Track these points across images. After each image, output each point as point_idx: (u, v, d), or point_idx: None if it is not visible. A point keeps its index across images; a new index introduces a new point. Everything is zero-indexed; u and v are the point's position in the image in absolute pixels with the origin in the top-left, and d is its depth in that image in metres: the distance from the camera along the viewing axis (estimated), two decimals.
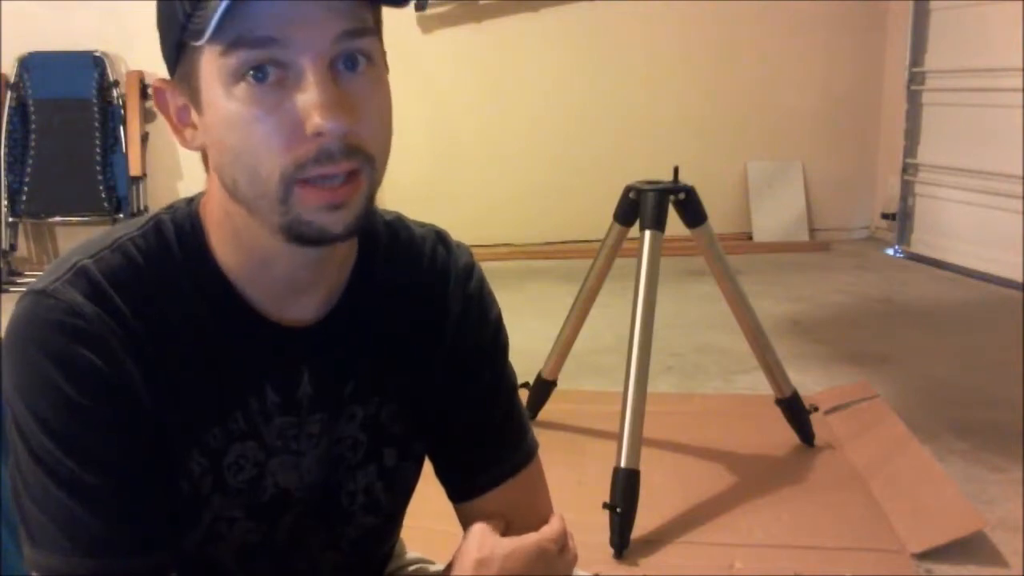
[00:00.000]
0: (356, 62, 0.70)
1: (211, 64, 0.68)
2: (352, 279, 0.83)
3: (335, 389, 0.82)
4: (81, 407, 0.71)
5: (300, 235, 0.71)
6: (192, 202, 0.81)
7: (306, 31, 0.67)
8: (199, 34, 0.66)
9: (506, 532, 0.86)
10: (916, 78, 4.99)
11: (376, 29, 0.71)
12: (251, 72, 0.67)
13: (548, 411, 2.58)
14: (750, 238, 5.31)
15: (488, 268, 0.92)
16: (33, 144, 4.56)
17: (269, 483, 0.81)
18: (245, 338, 0.78)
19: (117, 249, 0.76)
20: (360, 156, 0.70)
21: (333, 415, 0.83)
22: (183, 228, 0.78)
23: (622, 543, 1.94)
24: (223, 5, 0.64)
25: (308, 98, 0.67)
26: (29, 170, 4.55)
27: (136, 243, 0.77)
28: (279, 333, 0.79)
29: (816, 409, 2.53)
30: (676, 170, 2.31)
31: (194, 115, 0.73)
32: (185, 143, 0.76)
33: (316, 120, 0.67)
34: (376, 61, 0.71)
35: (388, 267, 0.85)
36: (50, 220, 4.71)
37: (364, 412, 0.84)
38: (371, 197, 0.73)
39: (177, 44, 0.70)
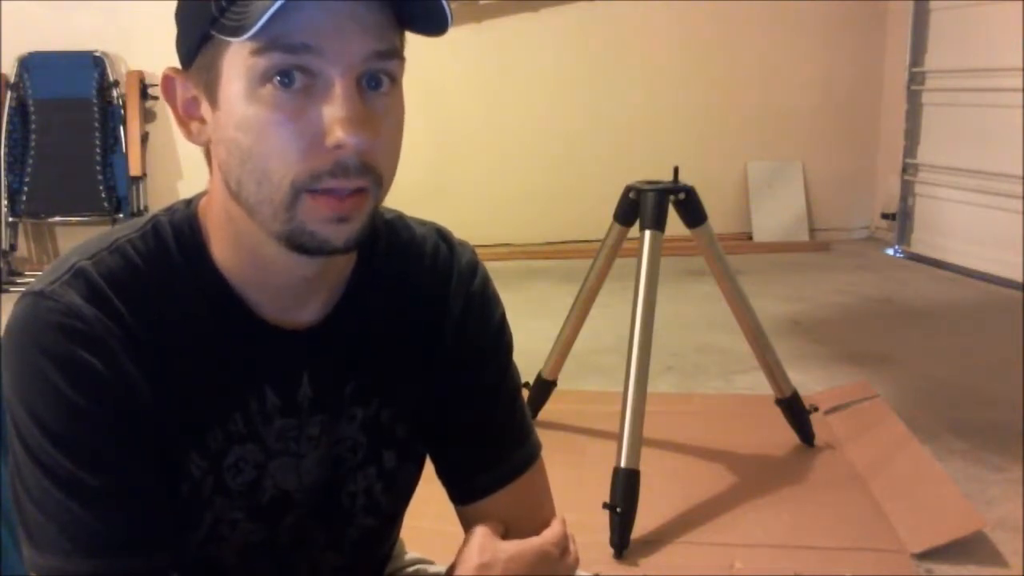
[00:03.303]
0: (380, 82, 0.70)
1: (237, 62, 0.68)
2: (352, 280, 0.82)
3: (335, 391, 0.82)
4: (80, 408, 0.71)
5: (300, 244, 0.71)
6: (191, 204, 0.80)
7: (341, 45, 0.67)
8: (237, 31, 0.65)
9: (507, 535, 0.86)
10: (916, 78, 4.99)
11: (402, 53, 0.72)
12: (277, 76, 0.67)
13: (548, 411, 2.58)
14: (750, 238, 5.31)
15: (489, 268, 0.92)
16: (33, 144, 4.56)
17: (269, 485, 0.81)
18: (244, 341, 0.78)
19: (116, 251, 0.76)
20: (371, 176, 0.70)
21: (333, 417, 0.82)
22: (181, 230, 0.78)
23: (622, 543, 1.94)
24: (274, 6, 0.63)
25: (334, 110, 0.67)
26: (29, 170, 4.55)
27: (135, 245, 0.77)
28: (278, 336, 0.79)
29: (816, 409, 2.53)
30: (676, 170, 2.31)
31: (204, 109, 0.73)
32: (190, 136, 0.75)
33: (338, 133, 0.67)
34: (397, 83, 0.72)
35: (389, 267, 0.85)
36: (50, 220, 4.72)
37: (364, 413, 0.84)
38: (373, 213, 0.74)
39: (201, 36, 0.70)
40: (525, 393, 2.49)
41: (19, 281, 4.50)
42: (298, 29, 0.66)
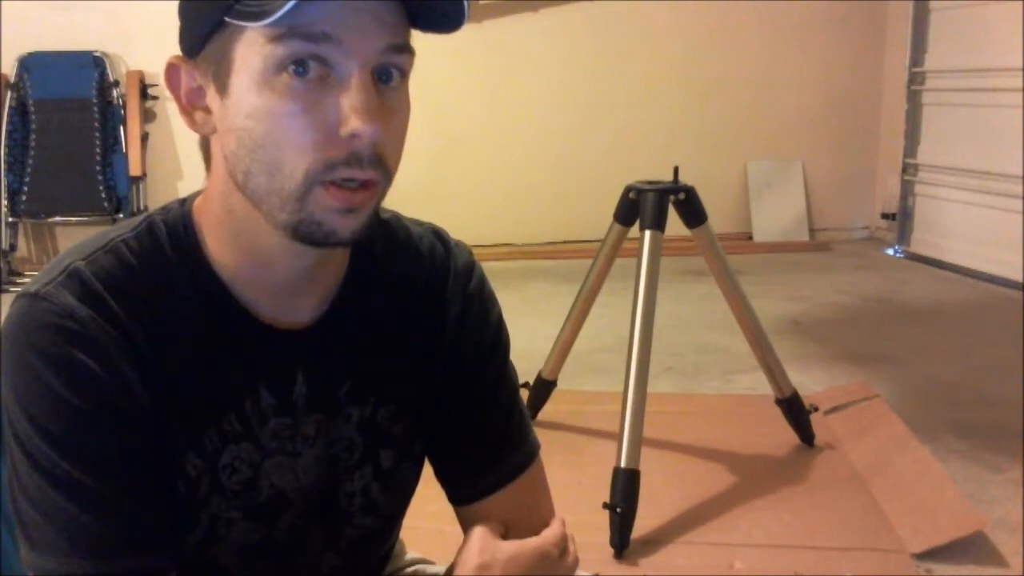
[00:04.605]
0: (391, 76, 0.71)
1: (252, 50, 0.68)
2: (348, 279, 0.82)
3: (330, 390, 0.82)
4: (76, 409, 0.70)
5: (307, 234, 0.71)
6: (185, 203, 0.80)
7: (359, 35, 0.67)
8: (259, 16, 0.65)
9: (506, 535, 0.86)
10: (916, 78, 4.99)
11: (412, 48, 0.72)
12: (293, 65, 0.67)
13: (548, 411, 2.58)
14: (750, 238, 5.31)
15: (488, 268, 0.92)
16: (33, 144, 4.56)
17: (265, 484, 0.81)
18: (239, 340, 0.78)
19: (110, 251, 0.75)
20: (382, 168, 0.71)
21: (329, 416, 0.82)
22: (176, 229, 0.78)
23: (622, 543, 1.94)
24: None
25: (350, 100, 0.67)
26: (29, 170, 4.55)
27: (129, 244, 0.76)
28: (273, 335, 0.79)
29: (816, 409, 2.53)
30: (676, 170, 2.31)
31: (210, 98, 0.73)
32: (193, 126, 0.75)
33: (354, 123, 0.67)
34: (406, 78, 0.72)
35: (384, 266, 0.85)
36: (50, 220, 4.71)
37: (360, 413, 0.83)
38: (378, 207, 0.74)
39: (213, 23, 0.69)
40: (525, 393, 2.51)
41: (19, 281, 4.50)
42: (318, 19, 0.66)
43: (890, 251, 5.14)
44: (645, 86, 5.18)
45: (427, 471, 0.91)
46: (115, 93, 4.68)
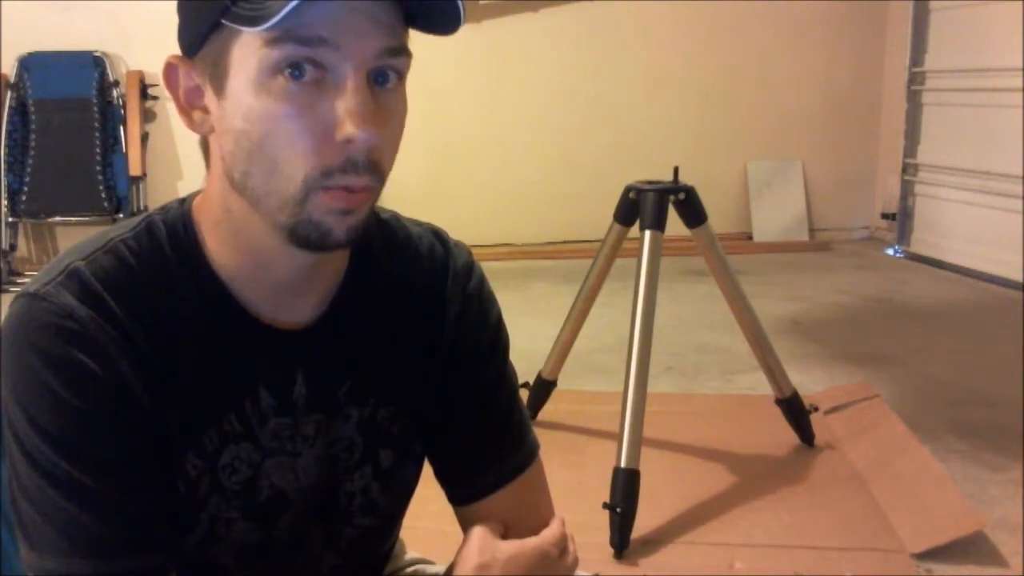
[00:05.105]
0: (387, 79, 0.70)
1: (248, 52, 0.68)
2: (347, 279, 0.82)
3: (330, 390, 0.82)
4: (76, 410, 0.70)
5: (303, 237, 0.71)
6: (185, 202, 0.80)
7: (355, 39, 0.67)
8: (255, 20, 0.65)
9: (506, 535, 0.86)
10: (916, 78, 4.99)
11: (409, 51, 0.72)
12: (288, 68, 0.67)
13: (548, 411, 2.58)
14: (750, 238, 5.31)
15: (488, 268, 0.92)
16: (33, 144, 4.56)
17: (265, 484, 0.81)
18: (238, 340, 0.78)
19: (110, 251, 0.75)
20: (377, 174, 0.71)
21: (329, 416, 0.82)
22: (175, 229, 0.78)
23: (622, 543, 1.94)
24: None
25: (345, 104, 0.67)
26: (29, 170, 4.55)
27: (128, 244, 0.76)
28: (273, 335, 0.79)
29: (816, 409, 2.53)
30: (676, 170, 2.31)
31: (208, 98, 0.73)
32: (192, 125, 0.75)
33: (349, 128, 0.67)
34: (403, 80, 0.72)
35: (384, 266, 0.85)
36: (50, 220, 4.72)
37: (360, 413, 0.83)
38: (373, 208, 0.74)
39: (210, 24, 0.69)
40: (525, 393, 2.50)
41: (19, 281, 4.50)
42: (314, 22, 0.66)
43: (890, 251, 5.14)
44: (645, 86, 5.18)
45: (427, 471, 0.91)
46: (115, 93, 4.68)
